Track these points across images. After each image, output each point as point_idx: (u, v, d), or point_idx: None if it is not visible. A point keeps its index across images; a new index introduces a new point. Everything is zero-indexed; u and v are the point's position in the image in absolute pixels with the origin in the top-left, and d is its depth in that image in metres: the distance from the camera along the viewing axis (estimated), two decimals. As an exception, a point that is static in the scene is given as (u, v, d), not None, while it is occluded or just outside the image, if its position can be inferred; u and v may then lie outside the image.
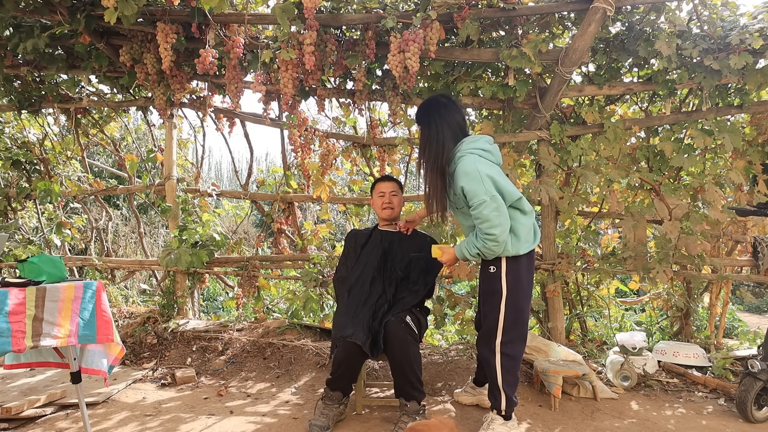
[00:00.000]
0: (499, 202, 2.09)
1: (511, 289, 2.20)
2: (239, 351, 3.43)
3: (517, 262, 2.20)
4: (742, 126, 3.63)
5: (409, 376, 2.34)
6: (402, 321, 2.38)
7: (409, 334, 2.36)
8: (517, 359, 2.25)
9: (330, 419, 2.40)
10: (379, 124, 3.75)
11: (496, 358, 2.23)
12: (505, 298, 2.20)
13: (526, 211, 2.24)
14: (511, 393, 2.25)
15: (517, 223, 2.19)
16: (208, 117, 3.85)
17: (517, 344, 2.25)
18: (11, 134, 4.25)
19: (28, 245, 4.20)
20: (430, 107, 2.28)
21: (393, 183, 2.77)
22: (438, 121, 2.24)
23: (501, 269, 2.20)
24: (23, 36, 3.06)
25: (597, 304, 4.03)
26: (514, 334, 2.23)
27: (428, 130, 2.25)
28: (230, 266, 4.04)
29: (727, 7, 3.02)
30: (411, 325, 2.40)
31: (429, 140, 2.24)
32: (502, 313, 2.20)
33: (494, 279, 2.21)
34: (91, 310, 2.09)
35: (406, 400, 2.36)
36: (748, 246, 3.74)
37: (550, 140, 3.50)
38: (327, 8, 2.93)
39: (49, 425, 2.44)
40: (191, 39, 3.07)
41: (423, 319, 2.64)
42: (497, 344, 2.22)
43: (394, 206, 2.74)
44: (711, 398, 2.98)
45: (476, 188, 2.08)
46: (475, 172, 2.09)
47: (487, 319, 2.25)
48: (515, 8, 2.78)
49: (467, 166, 2.12)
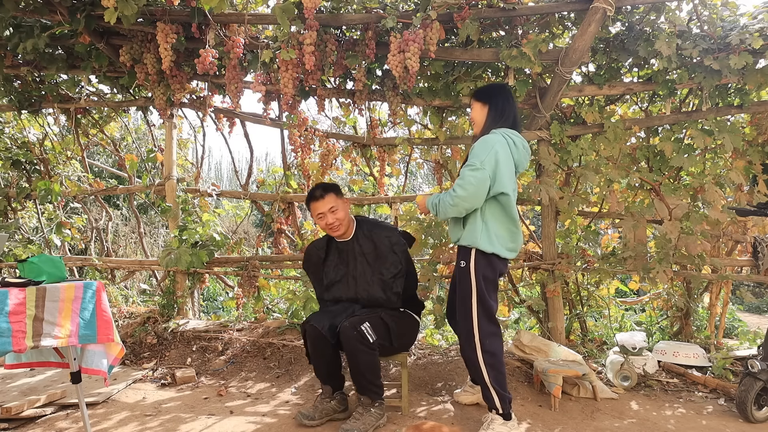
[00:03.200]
0: (485, 180, 2.16)
1: (479, 284, 2.26)
2: (239, 351, 3.43)
3: (487, 258, 2.27)
4: (742, 126, 3.63)
5: (360, 379, 2.41)
6: (354, 328, 2.33)
7: (360, 343, 2.32)
8: (497, 354, 2.29)
9: (318, 411, 2.46)
10: (379, 124, 3.75)
11: (479, 357, 2.28)
12: (476, 294, 2.26)
13: (509, 213, 2.30)
14: (501, 388, 2.28)
15: (497, 222, 2.28)
16: (208, 117, 3.85)
17: (492, 340, 2.30)
18: (11, 134, 4.25)
19: (28, 245, 4.20)
20: (503, 90, 2.42)
21: (328, 198, 2.55)
22: (504, 103, 2.37)
23: (470, 264, 2.27)
24: (23, 36, 3.06)
25: (597, 304, 4.03)
26: (488, 330, 2.28)
27: (495, 107, 2.37)
28: (230, 266, 4.04)
29: (727, 7, 3.01)
30: (365, 332, 2.33)
31: (494, 114, 2.36)
32: (474, 309, 2.27)
33: (464, 273, 2.29)
34: (92, 310, 2.09)
35: (360, 394, 2.45)
36: (748, 246, 3.74)
37: (550, 140, 3.50)
38: (327, 8, 2.92)
39: (49, 425, 2.44)
40: (191, 39, 3.07)
41: (398, 322, 2.55)
42: (477, 342, 2.28)
43: (341, 221, 2.58)
44: (711, 398, 2.98)
45: (480, 154, 2.18)
46: (491, 145, 2.20)
47: (464, 319, 2.31)
48: (515, 8, 2.78)
49: (490, 138, 2.25)
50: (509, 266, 3.79)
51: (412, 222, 3.73)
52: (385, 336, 2.45)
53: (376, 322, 2.43)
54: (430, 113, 3.66)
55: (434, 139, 3.71)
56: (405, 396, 2.62)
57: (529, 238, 3.99)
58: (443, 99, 3.45)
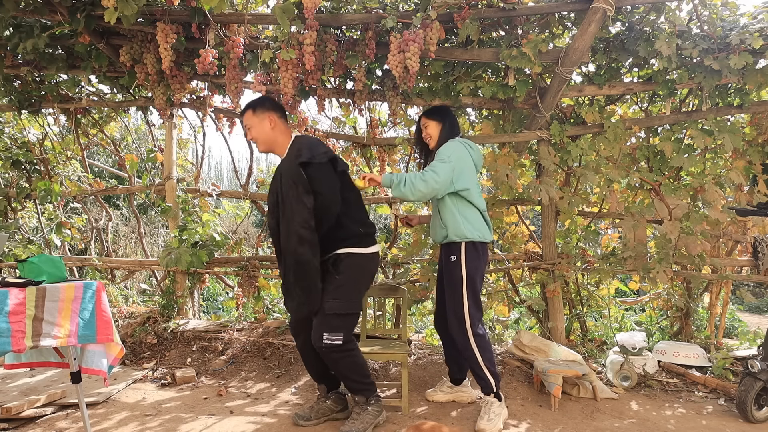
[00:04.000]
0: (451, 171, 2.44)
1: (469, 273, 2.49)
2: (239, 351, 3.43)
3: (475, 248, 2.51)
4: (742, 126, 3.63)
5: (347, 381, 2.40)
6: (319, 347, 2.25)
7: (333, 352, 2.24)
8: (485, 336, 2.52)
9: (314, 412, 2.48)
10: (379, 124, 3.75)
11: (471, 341, 2.48)
12: (466, 283, 2.48)
13: (476, 204, 2.55)
14: (493, 368, 2.50)
15: (470, 212, 2.53)
16: (208, 117, 3.85)
17: (480, 322, 2.55)
18: (11, 134, 4.25)
19: (28, 245, 4.20)
20: (449, 110, 2.80)
21: (246, 115, 2.42)
22: (453, 119, 2.73)
23: (461, 257, 2.49)
24: (23, 36, 3.06)
25: (597, 304, 4.03)
26: (477, 315, 2.51)
27: (448, 123, 2.69)
28: (230, 266, 4.03)
29: (727, 7, 3.01)
30: (330, 344, 2.23)
31: (448, 129, 2.68)
32: (465, 297, 2.48)
33: (455, 267, 2.50)
34: (91, 310, 2.09)
35: (353, 394, 2.43)
36: (748, 246, 3.74)
37: (550, 140, 3.50)
38: (327, 8, 2.92)
39: (49, 425, 2.44)
40: (191, 39, 3.07)
41: (335, 292, 2.29)
42: (468, 327, 2.48)
43: (256, 140, 2.42)
44: (711, 398, 2.98)
45: (446, 152, 2.49)
46: (453, 147, 2.53)
47: (455, 308, 2.50)
48: (515, 8, 2.78)
49: (450, 143, 2.57)
50: (509, 266, 3.80)
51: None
52: (344, 321, 2.28)
53: (326, 320, 2.25)
54: (430, 113, 3.65)
55: (434, 139, 3.70)
56: (405, 396, 2.62)
57: (529, 238, 3.99)
58: (443, 99, 3.45)
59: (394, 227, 4.01)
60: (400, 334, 3.00)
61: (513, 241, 3.97)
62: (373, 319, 3.03)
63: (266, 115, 2.40)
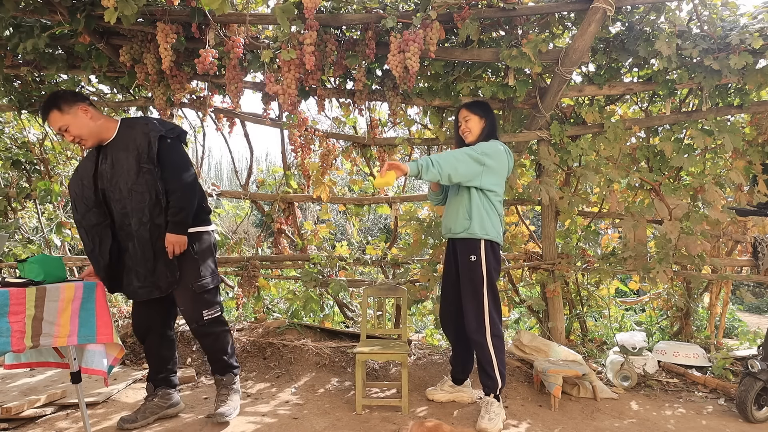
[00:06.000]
0: (479, 161, 2.44)
1: (490, 273, 2.49)
2: (239, 351, 3.43)
3: (493, 249, 2.52)
4: (742, 126, 3.63)
5: (219, 363, 2.50)
6: (201, 321, 2.39)
7: (215, 324, 2.43)
8: (502, 337, 2.52)
9: (140, 413, 2.44)
10: (379, 124, 3.75)
11: (488, 342, 2.47)
12: (486, 282, 2.48)
13: (498, 210, 2.57)
14: (504, 370, 2.51)
15: (493, 213, 2.54)
16: (208, 117, 3.85)
17: (499, 323, 2.54)
18: (11, 134, 4.25)
19: (28, 245, 4.20)
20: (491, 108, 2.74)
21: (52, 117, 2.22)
22: (495, 119, 2.70)
23: (481, 257, 2.49)
24: (23, 36, 3.05)
25: (597, 304, 4.03)
26: (496, 315, 2.50)
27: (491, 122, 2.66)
28: (230, 266, 4.03)
29: (727, 7, 3.01)
30: (211, 316, 2.40)
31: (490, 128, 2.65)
32: (485, 297, 2.47)
33: (476, 266, 2.49)
34: (91, 310, 2.09)
35: (221, 375, 2.51)
36: (748, 246, 3.74)
37: (550, 140, 3.50)
38: (327, 8, 2.92)
39: (49, 425, 2.44)
40: (191, 39, 3.07)
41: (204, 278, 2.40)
42: (487, 328, 2.47)
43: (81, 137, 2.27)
44: (711, 398, 2.98)
45: (491, 150, 2.49)
46: (498, 150, 2.52)
47: (475, 309, 2.49)
48: (515, 8, 2.77)
49: (498, 145, 2.56)
50: (509, 266, 3.81)
51: (412, 222, 3.73)
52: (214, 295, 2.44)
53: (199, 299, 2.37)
54: (430, 113, 3.66)
55: (434, 139, 3.70)
56: (405, 396, 2.62)
57: (529, 238, 3.99)
58: (443, 99, 3.45)
59: (394, 227, 4.01)
60: (400, 334, 2.99)
61: (513, 241, 3.97)
62: (373, 319, 3.03)
63: (77, 108, 2.24)
